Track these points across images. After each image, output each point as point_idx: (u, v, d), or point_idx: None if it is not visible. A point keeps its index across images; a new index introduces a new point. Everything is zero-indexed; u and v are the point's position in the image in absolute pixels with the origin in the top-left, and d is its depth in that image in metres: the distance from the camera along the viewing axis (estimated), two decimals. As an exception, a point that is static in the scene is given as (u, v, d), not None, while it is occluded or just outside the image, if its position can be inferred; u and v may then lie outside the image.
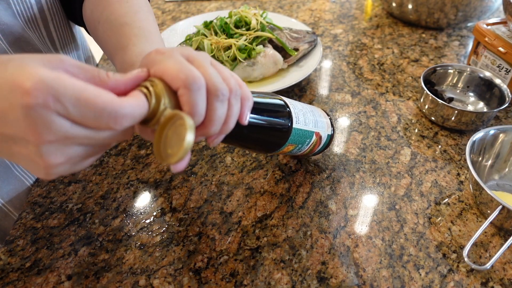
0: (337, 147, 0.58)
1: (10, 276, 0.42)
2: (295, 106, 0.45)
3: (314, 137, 0.47)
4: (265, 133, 0.41)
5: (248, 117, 0.35)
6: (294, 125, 0.43)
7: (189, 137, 0.26)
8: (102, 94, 0.24)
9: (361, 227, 0.47)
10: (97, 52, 0.75)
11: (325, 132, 0.50)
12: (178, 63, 0.28)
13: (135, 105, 0.26)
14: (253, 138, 0.40)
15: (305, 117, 0.45)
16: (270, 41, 0.71)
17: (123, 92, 0.27)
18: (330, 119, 0.52)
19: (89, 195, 0.51)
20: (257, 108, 0.38)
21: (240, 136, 0.38)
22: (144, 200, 0.50)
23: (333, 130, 0.52)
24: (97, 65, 0.77)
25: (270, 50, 0.68)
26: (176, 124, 0.27)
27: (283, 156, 0.56)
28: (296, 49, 0.71)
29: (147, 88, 0.28)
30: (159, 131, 0.28)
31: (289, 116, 0.43)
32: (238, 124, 0.34)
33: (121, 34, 0.44)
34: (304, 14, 0.96)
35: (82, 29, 0.62)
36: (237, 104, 0.33)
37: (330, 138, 0.52)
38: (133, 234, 0.46)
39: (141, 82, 0.29)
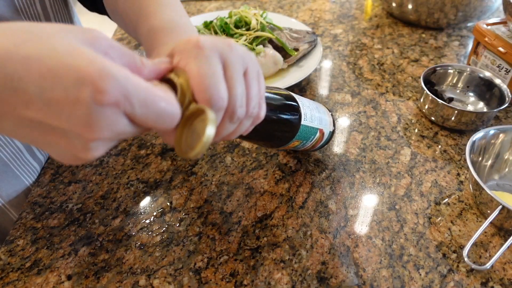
0: (337, 147, 0.58)
1: (10, 276, 0.42)
2: (303, 103, 0.45)
3: (318, 134, 0.48)
4: (274, 129, 0.41)
5: (249, 131, 0.34)
6: (302, 122, 0.44)
7: (210, 131, 0.25)
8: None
9: (361, 227, 0.47)
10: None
11: (327, 129, 0.50)
12: (211, 74, 0.27)
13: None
14: (261, 134, 0.40)
15: (311, 114, 0.46)
16: (270, 41, 0.72)
17: (150, 79, 0.27)
18: (332, 116, 0.53)
19: (89, 195, 0.51)
20: (269, 104, 0.38)
21: (249, 133, 0.38)
22: (144, 200, 0.50)
23: (334, 127, 0.53)
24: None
25: (270, 50, 0.68)
26: (199, 119, 0.27)
27: (283, 156, 0.56)
28: (296, 49, 0.71)
29: (170, 78, 0.28)
30: (182, 124, 0.28)
31: (298, 113, 0.43)
32: None
33: (145, 1, 0.44)
34: (304, 14, 0.96)
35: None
36: (247, 124, 0.32)
37: (331, 135, 0.52)
38: (133, 234, 0.46)
39: (171, 71, 0.28)
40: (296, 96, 0.44)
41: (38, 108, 0.21)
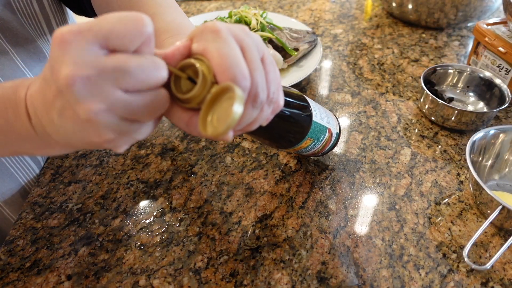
0: (337, 147, 0.58)
1: (10, 276, 0.42)
2: (312, 102, 0.45)
3: (327, 133, 0.48)
4: (288, 126, 0.41)
5: (269, 120, 0.34)
6: (313, 118, 0.44)
7: (238, 106, 0.25)
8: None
9: (361, 227, 0.47)
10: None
11: (335, 130, 0.50)
12: (232, 55, 0.27)
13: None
14: (276, 131, 0.40)
15: (320, 113, 0.46)
16: (270, 41, 0.71)
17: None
18: (337, 118, 0.53)
19: (89, 195, 0.51)
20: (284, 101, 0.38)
21: (264, 130, 0.37)
22: (144, 200, 0.50)
23: (340, 129, 0.53)
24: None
25: (270, 50, 0.68)
26: (224, 97, 0.26)
27: (283, 156, 0.56)
28: (296, 49, 0.71)
29: (193, 65, 0.27)
30: (206, 108, 0.27)
31: (309, 109, 0.43)
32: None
33: (142, 4, 0.43)
34: (304, 14, 0.96)
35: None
36: (268, 110, 0.32)
37: (338, 137, 0.52)
38: (133, 234, 0.46)
39: (187, 54, 0.28)
40: (303, 95, 0.45)
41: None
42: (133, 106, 0.25)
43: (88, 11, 0.56)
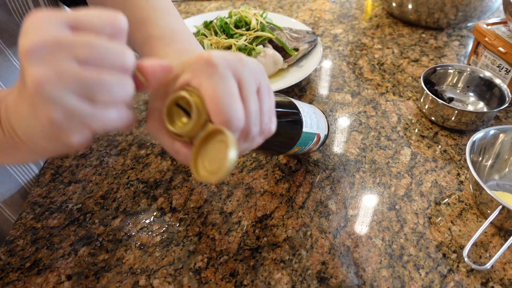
0: (337, 147, 0.58)
1: (10, 276, 0.42)
2: (303, 109, 0.45)
3: (315, 139, 0.48)
4: (278, 139, 0.41)
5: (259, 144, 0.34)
6: (304, 129, 0.44)
7: (232, 155, 0.25)
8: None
9: (361, 227, 0.47)
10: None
11: (323, 133, 0.50)
12: (228, 95, 0.26)
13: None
14: (265, 145, 0.39)
15: (311, 119, 0.46)
16: (270, 41, 0.72)
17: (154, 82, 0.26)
18: (327, 118, 0.53)
19: (89, 195, 0.51)
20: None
21: None
22: (144, 200, 0.50)
23: (329, 129, 0.53)
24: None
25: (270, 50, 0.68)
26: (216, 139, 0.26)
27: (283, 156, 0.56)
28: (296, 49, 0.71)
29: (187, 99, 0.26)
30: (198, 145, 0.27)
31: (300, 120, 0.43)
32: None
33: (137, 7, 0.42)
34: (304, 14, 0.96)
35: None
36: (259, 140, 0.31)
37: (326, 137, 0.52)
38: (133, 234, 0.46)
39: (169, 76, 0.27)
40: (296, 102, 0.44)
41: None
42: (87, 82, 0.22)
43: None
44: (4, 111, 0.27)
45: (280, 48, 0.71)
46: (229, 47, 0.67)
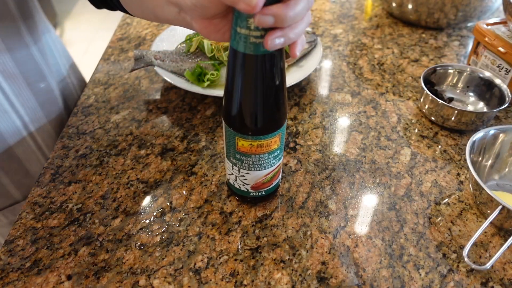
0: (337, 147, 0.58)
1: (10, 276, 0.42)
2: None
3: (282, 160, 0.45)
4: (277, 100, 0.37)
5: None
6: (284, 125, 0.40)
7: None
8: None
9: (361, 227, 0.47)
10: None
11: (280, 168, 0.47)
12: None
13: None
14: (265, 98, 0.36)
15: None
16: (270, 41, 0.71)
17: None
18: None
19: (89, 195, 0.51)
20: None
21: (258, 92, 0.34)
22: (144, 200, 0.50)
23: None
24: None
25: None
26: None
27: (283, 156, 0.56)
28: (296, 49, 0.71)
29: None
30: None
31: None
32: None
33: None
34: (304, 14, 0.96)
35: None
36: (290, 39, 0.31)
37: (278, 184, 0.49)
38: (133, 234, 0.46)
39: None
40: None
41: None
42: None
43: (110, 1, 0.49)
44: None
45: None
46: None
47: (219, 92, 0.63)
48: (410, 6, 0.85)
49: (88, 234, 0.46)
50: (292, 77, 0.67)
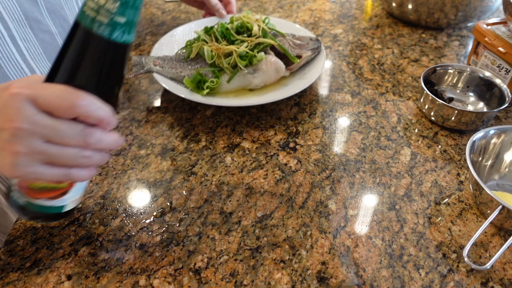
0: (337, 147, 0.58)
1: (10, 276, 0.42)
2: None
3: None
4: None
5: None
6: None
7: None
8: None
9: (361, 227, 0.47)
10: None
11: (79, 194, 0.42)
12: None
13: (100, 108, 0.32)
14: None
15: None
16: (272, 48, 0.70)
17: None
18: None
19: (89, 195, 0.51)
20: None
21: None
22: (144, 200, 0.50)
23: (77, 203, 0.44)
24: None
25: (272, 57, 0.66)
26: None
27: (283, 156, 0.56)
28: (299, 56, 0.70)
29: None
30: None
31: None
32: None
33: None
34: (304, 14, 0.96)
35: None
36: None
37: (74, 209, 0.44)
38: (133, 234, 0.46)
39: None
40: None
41: None
42: (50, 154, 0.32)
43: None
44: None
45: (282, 55, 0.69)
46: (230, 54, 0.66)
47: (219, 100, 0.62)
48: (410, 6, 0.85)
49: (88, 234, 0.46)
50: (295, 86, 0.64)
